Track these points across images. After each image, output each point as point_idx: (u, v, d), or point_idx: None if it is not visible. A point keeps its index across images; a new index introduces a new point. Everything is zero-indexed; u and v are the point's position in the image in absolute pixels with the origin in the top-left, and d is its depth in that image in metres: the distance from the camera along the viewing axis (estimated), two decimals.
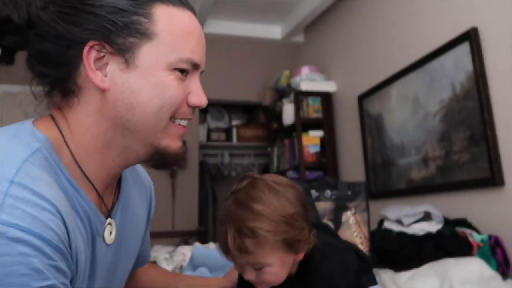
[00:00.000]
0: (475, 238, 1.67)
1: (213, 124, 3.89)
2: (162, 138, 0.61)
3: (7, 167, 0.49)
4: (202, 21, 3.35)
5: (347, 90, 2.93)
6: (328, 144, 2.98)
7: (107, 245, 0.63)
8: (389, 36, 2.50)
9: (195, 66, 0.62)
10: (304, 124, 2.97)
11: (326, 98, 3.05)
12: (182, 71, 0.61)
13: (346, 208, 1.65)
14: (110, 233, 0.64)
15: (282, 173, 3.00)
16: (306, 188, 1.62)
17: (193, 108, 0.64)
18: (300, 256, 0.79)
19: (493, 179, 1.76)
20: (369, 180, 2.57)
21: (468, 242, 1.65)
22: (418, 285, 1.49)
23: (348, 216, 1.65)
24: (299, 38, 3.66)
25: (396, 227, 1.82)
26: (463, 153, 1.93)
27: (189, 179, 3.36)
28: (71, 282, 0.53)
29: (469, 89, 1.90)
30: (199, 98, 0.63)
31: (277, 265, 0.75)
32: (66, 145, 0.58)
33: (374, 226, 1.97)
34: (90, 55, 0.57)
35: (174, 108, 0.61)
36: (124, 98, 0.58)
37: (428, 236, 1.72)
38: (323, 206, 1.64)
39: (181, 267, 1.71)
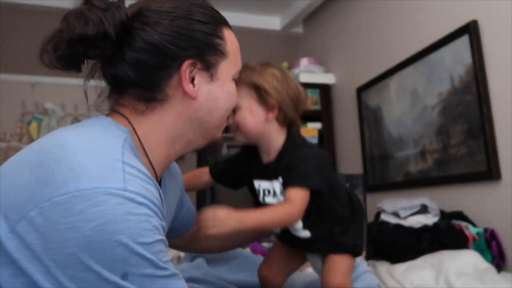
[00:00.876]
0: (471, 231, 1.68)
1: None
2: (219, 132, 0.78)
3: (113, 150, 0.58)
4: None
5: (346, 82, 2.93)
6: (326, 137, 2.98)
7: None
8: (388, 29, 2.49)
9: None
10: (302, 116, 2.94)
11: (324, 90, 3.05)
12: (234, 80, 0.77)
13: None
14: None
15: None
16: None
17: None
18: (270, 116, 0.97)
19: (490, 173, 1.76)
20: (367, 173, 2.57)
21: (464, 235, 1.66)
22: (414, 277, 1.50)
23: None
24: (298, 29, 3.64)
25: (392, 220, 1.83)
26: (461, 147, 1.93)
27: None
28: None
29: (467, 82, 1.90)
30: (237, 95, 0.80)
31: (247, 109, 0.96)
32: (138, 139, 0.68)
33: (371, 218, 1.98)
34: (186, 70, 0.69)
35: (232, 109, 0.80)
36: (208, 105, 0.72)
37: (425, 228, 1.73)
38: None
39: (179, 258, 1.72)
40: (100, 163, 0.55)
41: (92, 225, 0.49)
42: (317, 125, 2.99)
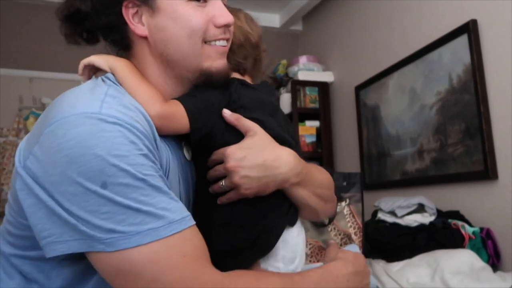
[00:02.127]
0: (467, 230, 1.69)
1: None
2: (202, 61, 0.71)
3: (100, 88, 0.64)
4: None
5: (344, 80, 2.93)
6: (324, 135, 2.98)
7: (186, 159, 0.75)
8: (387, 27, 2.49)
9: None
10: (300, 114, 2.96)
11: (323, 88, 3.05)
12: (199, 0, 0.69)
13: (340, 199, 1.66)
14: (188, 151, 0.75)
15: None
16: None
17: (222, 28, 0.72)
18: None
19: (487, 173, 1.77)
20: (364, 171, 2.58)
21: (460, 234, 1.67)
22: (410, 275, 1.50)
23: (343, 207, 1.66)
24: (298, 27, 3.64)
25: (389, 218, 1.83)
26: (458, 146, 1.94)
27: None
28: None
29: (466, 81, 1.90)
30: (223, 17, 0.71)
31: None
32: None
33: (368, 217, 1.99)
34: (128, 13, 0.69)
35: (200, 33, 0.70)
36: (158, 38, 0.69)
37: (421, 227, 1.74)
38: None
39: None
40: (83, 97, 0.62)
41: (72, 144, 0.56)
42: (315, 123, 2.99)
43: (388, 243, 1.75)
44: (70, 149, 0.56)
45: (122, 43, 0.73)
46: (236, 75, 0.82)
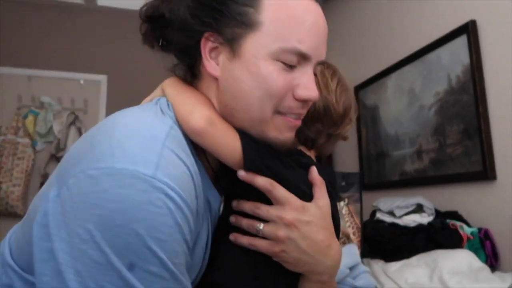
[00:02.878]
0: (465, 230, 1.69)
1: None
2: (269, 130, 0.61)
3: (157, 131, 0.55)
4: None
5: None
6: None
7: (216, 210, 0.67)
8: (387, 28, 2.49)
9: (305, 57, 0.61)
10: None
11: None
12: (288, 63, 0.59)
13: (339, 199, 1.66)
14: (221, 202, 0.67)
15: None
16: None
17: (301, 102, 0.62)
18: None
19: (485, 173, 1.77)
20: (363, 171, 2.58)
21: (458, 234, 1.67)
22: (408, 275, 1.51)
23: (341, 207, 1.66)
24: None
25: (388, 218, 1.84)
26: (457, 146, 1.94)
27: None
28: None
29: (465, 82, 1.91)
30: (307, 91, 0.61)
31: None
32: None
33: (366, 217, 1.99)
34: (206, 45, 0.61)
35: (275, 100, 0.60)
36: (229, 87, 0.60)
37: (420, 227, 1.74)
38: None
39: None
40: (138, 143, 0.52)
41: (113, 206, 0.48)
42: None
43: (386, 243, 1.75)
44: (108, 212, 0.48)
45: (191, 70, 0.67)
46: (301, 147, 0.72)
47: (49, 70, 3.14)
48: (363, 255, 1.72)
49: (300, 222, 0.59)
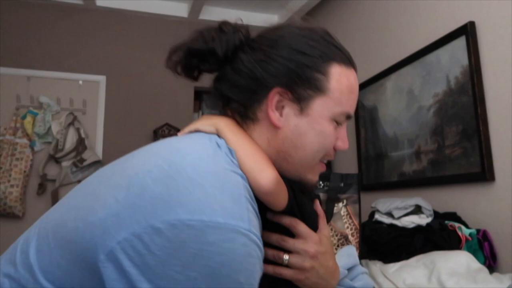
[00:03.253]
0: (463, 231, 1.69)
1: (207, 112, 3.86)
2: (308, 173, 0.73)
3: (238, 182, 0.59)
4: (198, 8, 3.32)
5: None
6: None
7: None
8: (385, 29, 2.49)
9: (348, 118, 0.74)
10: None
11: None
12: (338, 122, 0.72)
13: (338, 200, 1.66)
14: None
15: None
16: None
17: (335, 151, 0.75)
18: None
19: (484, 174, 1.77)
20: (362, 172, 2.58)
21: (456, 235, 1.67)
22: (406, 276, 1.50)
23: (340, 208, 1.66)
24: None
25: (386, 219, 1.83)
26: (455, 148, 1.94)
27: None
28: None
29: (463, 83, 1.91)
30: (344, 143, 0.75)
31: None
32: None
33: (365, 218, 1.99)
34: (274, 98, 0.68)
35: (324, 153, 0.72)
36: (292, 138, 0.69)
37: (418, 228, 1.74)
38: None
39: None
40: (229, 196, 0.56)
41: (220, 259, 0.52)
42: None
43: (385, 244, 1.75)
44: (216, 264, 0.51)
45: (244, 111, 0.71)
46: None
47: (48, 71, 3.14)
48: (362, 256, 1.72)
49: (319, 253, 0.71)
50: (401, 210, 1.80)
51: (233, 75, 0.70)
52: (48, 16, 3.17)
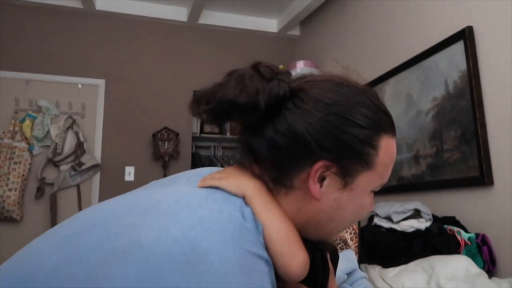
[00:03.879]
0: (462, 236, 1.69)
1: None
2: (333, 237, 0.71)
3: (259, 279, 0.53)
4: (197, 12, 3.33)
5: None
6: None
7: None
8: (384, 33, 2.50)
9: None
10: None
11: None
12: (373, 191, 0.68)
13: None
14: None
15: None
16: None
17: None
18: None
19: (483, 179, 1.78)
20: None
21: (455, 239, 1.67)
22: (405, 280, 1.50)
23: None
24: (295, 32, 3.65)
25: (385, 224, 1.83)
26: (454, 152, 1.94)
27: (181, 170, 3.35)
28: None
29: (462, 87, 1.91)
30: (372, 207, 0.71)
31: None
32: None
33: (364, 222, 1.98)
34: (318, 170, 0.60)
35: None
36: (330, 211, 0.63)
37: (417, 233, 1.74)
38: None
39: None
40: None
41: None
42: None
43: (384, 248, 1.75)
44: None
45: (277, 176, 0.63)
46: None
47: (47, 74, 3.14)
48: (361, 260, 1.71)
49: None
50: (400, 214, 1.80)
51: (273, 133, 0.61)
52: (48, 20, 3.18)
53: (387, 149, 0.64)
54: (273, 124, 0.61)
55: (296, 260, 0.57)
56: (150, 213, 0.55)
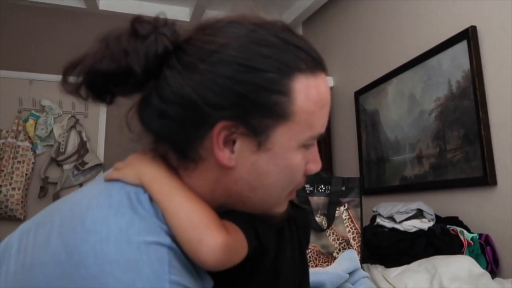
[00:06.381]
0: (465, 236, 1.68)
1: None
2: (274, 208, 0.58)
3: (158, 265, 0.46)
4: (200, 12, 3.33)
5: (344, 85, 2.93)
6: (323, 139, 2.98)
7: None
8: (387, 33, 2.50)
9: (320, 136, 0.56)
10: None
11: None
12: (307, 145, 0.55)
13: (339, 203, 1.66)
14: None
15: None
16: None
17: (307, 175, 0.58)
18: None
19: (486, 179, 1.77)
20: (363, 176, 2.58)
21: (458, 240, 1.67)
22: (408, 280, 1.50)
23: (341, 211, 1.66)
24: (298, 31, 3.65)
25: (388, 224, 1.83)
26: (457, 152, 1.94)
27: None
28: None
29: (465, 87, 1.91)
30: (317, 165, 0.57)
31: None
32: None
33: (366, 222, 1.98)
34: (220, 134, 0.50)
35: (295, 185, 0.57)
36: (249, 179, 0.53)
37: (420, 233, 1.74)
38: (317, 201, 1.65)
39: None
40: (140, 280, 0.44)
41: None
42: None
43: (386, 248, 1.74)
44: None
45: (180, 150, 0.54)
46: None
47: (50, 74, 3.15)
48: (363, 260, 1.71)
49: None
50: (403, 214, 1.79)
51: (158, 102, 0.51)
52: (51, 19, 3.19)
53: (307, 92, 0.52)
54: (157, 89, 0.51)
55: (205, 245, 0.48)
56: (44, 226, 0.51)
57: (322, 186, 1.65)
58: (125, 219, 0.47)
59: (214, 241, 0.48)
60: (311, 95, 0.52)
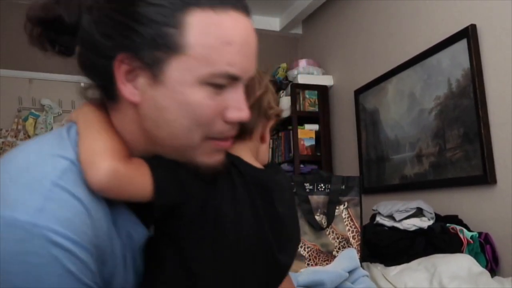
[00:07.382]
0: (465, 235, 1.68)
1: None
2: (196, 155, 0.57)
3: (48, 167, 0.51)
4: None
5: (344, 84, 2.93)
6: (323, 138, 2.99)
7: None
8: (387, 32, 2.49)
9: (235, 78, 0.55)
10: (299, 117, 2.96)
11: (322, 92, 3.05)
12: (218, 85, 0.54)
13: (339, 202, 1.66)
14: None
15: None
16: (300, 181, 1.63)
17: (232, 123, 0.57)
18: None
19: (486, 177, 1.77)
20: (363, 175, 2.58)
21: (458, 238, 1.67)
22: (407, 279, 1.50)
23: (341, 210, 1.66)
24: (298, 30, 3.64)
25: (388, 222, 1.83)
26: (457, 151, 1.94)
27: None
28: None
29: (465, 86, 1.91)
30: (238, 112, 0.56)
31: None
32: None
33: (366, 220, 1.98)
34: (121, 68, 0.53)
35: (205, 128, 0.55)
36: (151, 115, 0.54)
37: (419, 231, 1.74)
38: (317, 200, 1.65)
39: None
40: (21, 185, 0.48)
41: None
42: (314, 127, 3.00)
43: (386, 247, 1.75)
44: None
45: (104, 92, 0.59)
46: (240, 145, 0.67)
47: (50, 73, 3.15)
48: (363, 259, 1.71)
49: None
50: (403, 213, 1.79)
51: (78, 44, 0.57)
52: None
53: (205, 27, 0.52)
54: (63, 33, 0.57)
55: (95, 168, 0.51)
56: None
57: (322, 185, 1.65)
58: (46, 143, 0.54)
59: (103, 165, 0.52)
60: (209, 30, 0.52)
